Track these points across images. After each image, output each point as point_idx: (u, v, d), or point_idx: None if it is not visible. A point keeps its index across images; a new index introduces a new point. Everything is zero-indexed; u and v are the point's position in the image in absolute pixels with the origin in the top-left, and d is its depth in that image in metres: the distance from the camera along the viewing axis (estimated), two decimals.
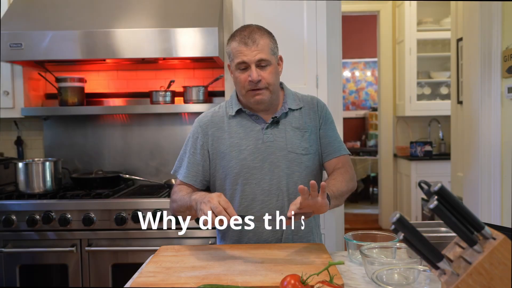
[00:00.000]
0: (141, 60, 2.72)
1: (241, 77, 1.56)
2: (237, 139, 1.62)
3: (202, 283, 1.18)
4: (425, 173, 4.73)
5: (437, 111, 5.00)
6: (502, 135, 2.61)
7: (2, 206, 2.36)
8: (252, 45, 1.53)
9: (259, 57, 1.53)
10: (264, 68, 1.55)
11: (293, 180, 1.61)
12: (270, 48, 1.58)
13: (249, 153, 1.60)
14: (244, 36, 1.55)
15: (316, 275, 1.09)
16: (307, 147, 1.63)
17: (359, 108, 8.46)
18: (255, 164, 1.59)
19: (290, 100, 1.67)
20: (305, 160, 1.63)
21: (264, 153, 1.60)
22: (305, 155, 1.63)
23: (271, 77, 1.57)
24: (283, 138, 1.62)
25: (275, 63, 1.60)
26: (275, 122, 1.63)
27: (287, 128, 1.63)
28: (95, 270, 2.36)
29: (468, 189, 2.95)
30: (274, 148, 1.60)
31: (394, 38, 5.27)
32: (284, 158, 1.60)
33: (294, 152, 1.61)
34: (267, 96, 1.58)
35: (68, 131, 2.93)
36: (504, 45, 2.56)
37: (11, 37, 2.38)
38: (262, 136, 1.61)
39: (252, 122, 1.63)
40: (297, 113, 1.66)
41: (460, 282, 0.88)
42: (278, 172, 1.60)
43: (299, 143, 1.62)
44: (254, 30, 1.57)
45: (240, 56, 1.54)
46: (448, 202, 0.89)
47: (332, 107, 2.93)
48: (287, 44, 2.66)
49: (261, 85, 1.55)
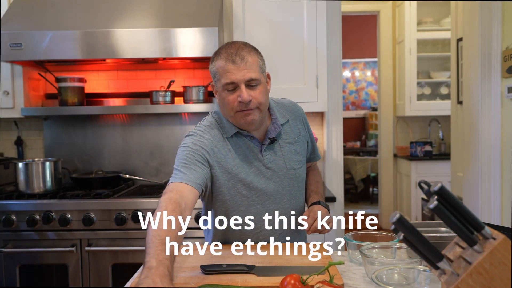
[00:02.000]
0: (141, 60, 2.72)
1: (230, 98, 1.45)
2: (240, 161, 1.54)
3: (202, 283, 1.18)
4: (425, 173, 4.73)
5: (437, 111, 5.00)
6: (502, 135, 2.61)
7: (2, 206, 2.36)
8: (240, 63, 1.42)
9: (248, 76, 1.42)
10: (254, 88, 1.45)
11: (293, 195, 1.63)
12: (259, 65, 1.47)
13: (254, 175, 1.54)
14: (231, 53, 1.43)
15: (316, 275, 1.09)
16: (300, 159, 1.64)
17: (359, 108, 8.46)
18: (261, 186, 1.55)
19: (278, 115, 1.60)
20: (301, 173, 1.65)
21: (267, 173, 1.56)
22: (301, 168, 1.64)
23: (261, 97, 1.46)
24: (281, 156, 1.59)
25: (264, 81, 1.50)
26: (271, 142, 1.57)
27: (282, 145, 1.60)
28: (95, 270, 2.36)
29: (468, 189, 2.95)
30: (276, 168, 1.58)
31: (394, 38, 5.27)
32: (285, 176, 1.59)
33: (293, 168, 1.61)
34: (257, 116, 1.48)
35: (68, 131, 2.93)
36: (504, 45, 2.56)
37: (11, 37, 2.38)
38: (263, 159, 1.56)
39: (250, 143, 1.56)
40: (287, 127, 1.63)
41: (460, 282, 0.88)
42: (281, 190, 1.59)
43: (295, 157, 1.62)
44: (241, 47, 1.46)
45: (227, 75, 1.42)
46: (448, 202, 0.89)
47: (332, 107, 2.95)
48: (287, 44, 2.66)
49: (251, 105, 1.45)
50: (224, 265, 1.28)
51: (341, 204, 3.00)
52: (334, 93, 2.95)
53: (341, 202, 3.00)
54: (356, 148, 7.44)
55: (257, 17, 2.65)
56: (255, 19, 2.65)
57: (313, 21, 2.64)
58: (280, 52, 2.65)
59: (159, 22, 2.46)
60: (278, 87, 2.66)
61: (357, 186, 6.94)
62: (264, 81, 1.51)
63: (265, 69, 1.55)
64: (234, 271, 1.27)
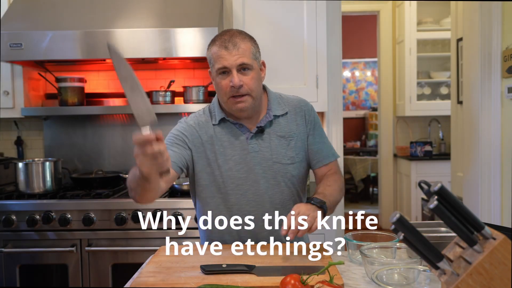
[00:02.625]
0: (141, 60, 2.72)
1: (223, 83, 1.50)
2: (222, 147, 1.57)
3: (202, 283, 1.18)
4: (425, 173, 4.73)
5: (437, 111, 5.00)
6: (502, 135, 2.61)
7: (2, 206, 2.36)
8: (233, 49, 1.48)
9: (240, 61, 1.48)
10: (246, 73, 1.50)
11: (279, 190, 1.58)
12: (252, 52, 1.52)
13: (234, 163, 1.56)
14: (224, 40, 1.49)
15: (316, 275, 1.09)
16: (292, 156, 1.59)
17: (359, 108, 8.46)
18: (240, 175, 1.56)
19: (274, 106, 1.61)
20: (290, 170, 1.59)
21: (249, 163, 1.56)
22: (291, 164, 1.59)
23: (253, 83, 1.51)
24: (268, 148, 1.57)
25: (258, 68, 1.54)
26: (260, 131, 1.57)
27: (272, 137, 1.58)
28: (95, 270, 2.36)
29: (468, 189, 2.95)
30: (260, 159, 1.56)
31: (394, 38, 5.27)
32: (269, 169, 1.57)
33: (280, 163, 1.57)
34: (249, 103, 1.52)
35: (68, 131, 2.93)
36: (504, 45, 2.56)
37: (11, 37, 2.38)
38: (247, 147, 1.56)
39: (237, 131, 1.58)
40: (283, 120, 1.61)
41: (460, 282, 0.88)
42: (264, 183, 1.57)
43: (285, 152, 1.58)
44: (234, 34, 1.52)
45: (220, 61, 1.48)
46: (448, 202, 0.89)
47: (332, 107, 2.94)
48: (287, 44, 2.66)
49: (243, 90, 1.49)
50: (224, 265, 1.28)
51: (341, 204, 3.00)
52: (334, 93, 2.95)
53: (341, 202, 3.00)
54: (356, 148, 7.44)
55: (257, 17, 2.65)
56: (255, 19, 2.65)
57: (313, 21, 2.64)
58: (280, 52, 2.65)
59: (159, 22, 2.46)
60: (278, 87, 2.64)
61: (357, 186, 6.94)
62: (257, 68, 1.54)
63: (260, 57, 1.58)
64: (234, 271, 1.27)
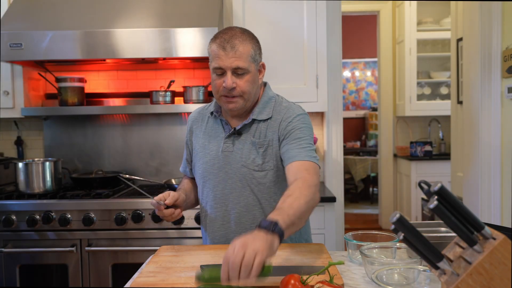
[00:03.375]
0: (141, 60, 2.72)
1: (217, 82, 1.51)
2: (206, 141, 1.63)
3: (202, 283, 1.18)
4: (425, 173, 4.73)
5: (437, 111, 5.00)
6: (502, 135, 2.61)
7: (2, 206, 2.36)
8: (230, 51, 1.46)
9: (235, 64, 1.47)
10: (241, 76, 1.49)
11: (244, 194, 1.56)
12: (251, 55, 1.50)
13: (210, 158, 1.60)
14: (224, 39, 1.48)
15: (316, 275, 1.09)
16: (260, 163, 1.54)
17: (359, 108, 8.46)
18: (213, 170, 1.59)
19: (259, 109, 1.58)
20: (257, 177, 1.55)
21: (221, 162, 1.58)
22: (258, 171, 1.54)
23: (246, 86, 1.50)
24: (239, 150, 1.56)
25: (254, 70, 1.53)
26: (237, 133, 1.57)
27: (247, 141, 1.56)
28: (95, 270, 2.36)
29: (468, 189, 2.95)
30: (231, 159, 1.57)
31: (394, 38, 5.27)
32: (237, 171, 1.56)
33: (247, 167, 1.55)
34: (240, 104, 1.52)
35: (68, 131, 2.93)
36: (504, 45, 2.56)
37: (11, 37, 2.38)
38: (222, 145, 1.58)
39: (220, 127, 1.62)
40: (263, 125, 1.57)
41: (460, 282, 0.88)
42: (231, 184, 1.57)
43: (253, 158, 1.55)
44: (235, 35, 1.49)
45: (217, 60, 1.48)
46: (448, 202, 0.89)
47: (332, 107, 2.95)
48: (287, 44, 2.66)
49: (235, 92, 1.49)
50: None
51: (341, 204, 3.01)
52: (334, 93, 2.95)
53: (341, 202, 3.00)
54: (356, 148, 7.44)
55: (257, 17, 2.65)
56: (255, 19, 2.65)
57: (313, 21, 2.64)
58: (280, 52, 2.65)
59: (159, 22, 2.46)
60: (278, 87, 2.65)
61: (357, 186, 6.94)
62: (254, 71, 1.53)
63: (260, 59, 1.57)
64: None
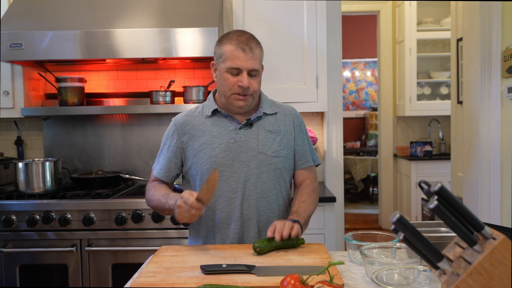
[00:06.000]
0: (141, 60, 2.72)
1: (231, 81, 1.60)
2: (210, 137, 1.65)
3: (202, 283, 1.18)
4: (425, 173, 4.73)
5: (437, 111, 5.00)
6: (502, 135, 2.61)
7: (2, 206, 2.36)
8: (249, 52, 1.58)
9: (252, 66, 1.58)
10: (254, 77, 1.61)
11: (261, 180, 1.65)
12: (261, 58, 1.64)
13: (220, 150, 1.63)
14: (242, 41, 1.59)
15: (316, 275, 1.09)
16: (277, 149, 1.67)
17: (359, 108, 8.46)
18: (225, 162, 1.63)
19: (265, 106, 1.72)
20: (274, 162, 1.66)
21: (235, 151, 1.63)
22: (275, 157, 1.66)
23: (257, 86, 1.64)
24: (255, 139, 1.66)
25: (261, 72, 1.67)
26: (249, 124, 1.67)
27: (260, 130, 1.67)
28: (95, 270, 2.36)
29: (468, 189, 2.95)
30: (245, 148, 1.64)
31: (394, 38, 5.27)
32: (254, 158, 1.64)
33: (265, 154, 1.65)
34: (249, 102, 1.64)
35: (68, 131, 2.93)
36: (504, 45, 2.56)
37: (11, 37, 2.38)
38: (235, 136, 1.65)
39: (227, 122, 1.67)
40: (272, 118, 1.71)
41: (460, 282, 0.88)
42: (247, 171, 1.63)
43: (270, 145, 1.66)
44: (250, 38, 1.62)
45: (235, 61, 1.57)
46: (448, 202, 0.89)
47: (332, 107, 2.95)
48: (287, 44, 2.66)
49: (249, 92, 1.60)
50: (224, 265, 1.28)
51: (341, 204, 3.01)
52: (334, 93, 2.95)
53: (341, 202, 3.00)
54: (356, 148, 7.44)
55: (257, 17, 2.65)
56: (255, 19, 2.65)
57: (313, 21, 2.64)
58: (280, 52, 2.65)
59: (159, 22, 2.46)
60: (278, 87, 2.67)
61: (357, 186, 6.94)
62: (261, 72, 1.67)
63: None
64: (234, 271, 1.27)
